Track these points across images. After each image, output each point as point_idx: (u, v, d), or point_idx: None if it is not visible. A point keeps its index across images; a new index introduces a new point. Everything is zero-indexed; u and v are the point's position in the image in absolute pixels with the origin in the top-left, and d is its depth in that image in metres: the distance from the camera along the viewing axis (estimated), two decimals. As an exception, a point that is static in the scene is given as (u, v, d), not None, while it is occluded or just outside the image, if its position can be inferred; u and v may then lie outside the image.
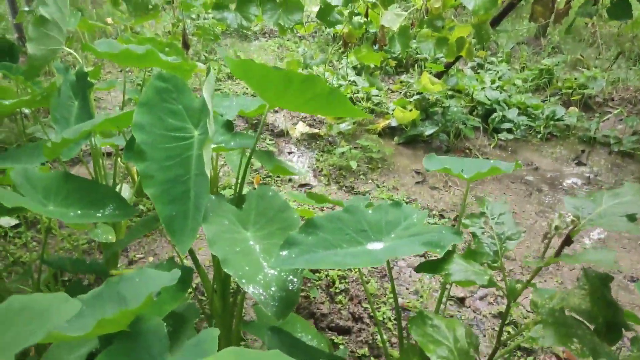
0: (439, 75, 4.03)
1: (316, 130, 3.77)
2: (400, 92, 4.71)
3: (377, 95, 4.29)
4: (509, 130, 3.92)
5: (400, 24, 3.12)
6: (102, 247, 2.13)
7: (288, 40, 6.03)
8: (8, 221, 2.26)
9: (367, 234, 1.11)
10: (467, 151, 3.68)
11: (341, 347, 1.78)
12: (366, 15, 3.27)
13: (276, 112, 4.23)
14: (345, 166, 3.23)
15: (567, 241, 0.92)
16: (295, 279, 1.08)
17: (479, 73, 4.78)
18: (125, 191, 2.41)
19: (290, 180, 3.10)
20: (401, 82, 4.87)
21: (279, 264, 1.01)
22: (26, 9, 2.99)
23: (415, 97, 4.01)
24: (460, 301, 2.12)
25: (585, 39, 6.33)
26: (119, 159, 2.11)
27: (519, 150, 3.76)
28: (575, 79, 4.76)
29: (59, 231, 2.15)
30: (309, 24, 3.55)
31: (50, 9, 1.78)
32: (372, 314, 1.97)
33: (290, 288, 1.06)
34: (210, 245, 1.11)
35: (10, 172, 1.23)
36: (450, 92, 4.30)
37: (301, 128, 3.80)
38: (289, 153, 3.50)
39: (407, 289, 2.20)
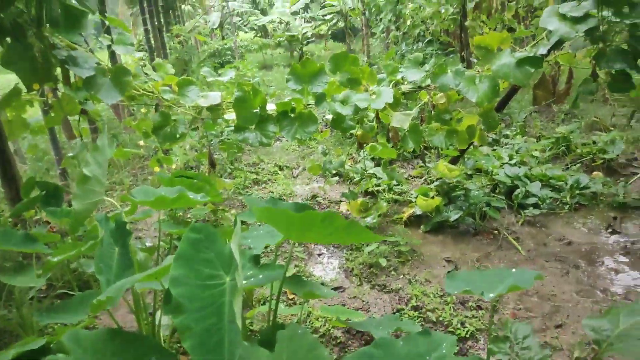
0: (455, 160, 4.14)
1: (343, 228, 3.85)
2: (421, 177, 4.81)
3: (398, 185, 4.40)
4: (535, 205, 3.91)
5: (410, 122, 3.28)
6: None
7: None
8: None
9: (398, 372, 1.14)
10: (495, 232, 3.67)
11: None
12: (377, 118, 3.47)
13: (302, 212, 4.37)
14: (375, 263, 3.26)
15: (593, 371, 0.93)
16: None
17: (495, 149, 4.87)
18: (165, 320, 2.49)
19: (322, 284, 3.13)
20: (420, 166, 5.00)
21: (314, 416, 1.05)
22: (70, 154, 3.31)
23: (436, 183, 4.10)
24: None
25: (596, 99, 6.42)
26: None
27: (549, 224, 3.72)
28: (594, 142, 4.80)
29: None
30: (324, 131, 3.78)
31: (92, 167, 2.00)
32: None
33: None
34: (247, 397, 1.16)
35: (62, 336, 1.34)
36: (470, 172, 4.38)
37: (328, 227, 3.90)
38: (319, 255, 3.56)
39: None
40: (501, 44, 3.04)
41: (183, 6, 14.32)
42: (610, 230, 3.55)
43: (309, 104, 3.36)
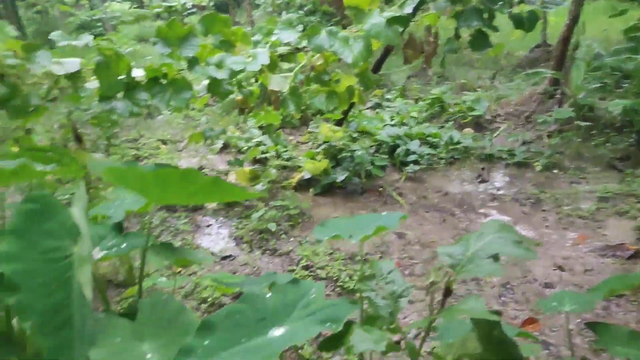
0: (339, 122, 4.19)
1: (231, 198, 3.73)
2: (310, 143, 4.83)
3: (286, 151, 4.37)
4: (415, 162, 4.12)
5: (290, 85, 3.23)
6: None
7: (192, 109, 6.03)
8: None
9: (266, 322, 1.09)
10: (381, 189, 3.81)
11: None
12: (256, 81, 3.36)
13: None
14: (265, 229, 3.21)
15: (448, 293, 0.96)
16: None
17: (378, 112, 5.03)
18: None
19: (212, 254, 3.01)
20: (309, 132, 5.00)
21: (174, 380, 0.96)
22: None
23: (323, 146, 4.13)
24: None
25: (466, 62, 6.93)
26: None
27: (428, 178, 3.95)
28: (464, 101, 5.16)
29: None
30: (202, 97, 3.57)
31: None
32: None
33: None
34: (101, 372, 1.04)
35: None
36: (355, 135, 4.47)
37: (216, 198, 3.75)
38: (207, 226, 3.42)
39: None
40: (370, 5, 3.07)
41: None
42: (479, 179, 3.87)
43: (182, 70, 3.14)
